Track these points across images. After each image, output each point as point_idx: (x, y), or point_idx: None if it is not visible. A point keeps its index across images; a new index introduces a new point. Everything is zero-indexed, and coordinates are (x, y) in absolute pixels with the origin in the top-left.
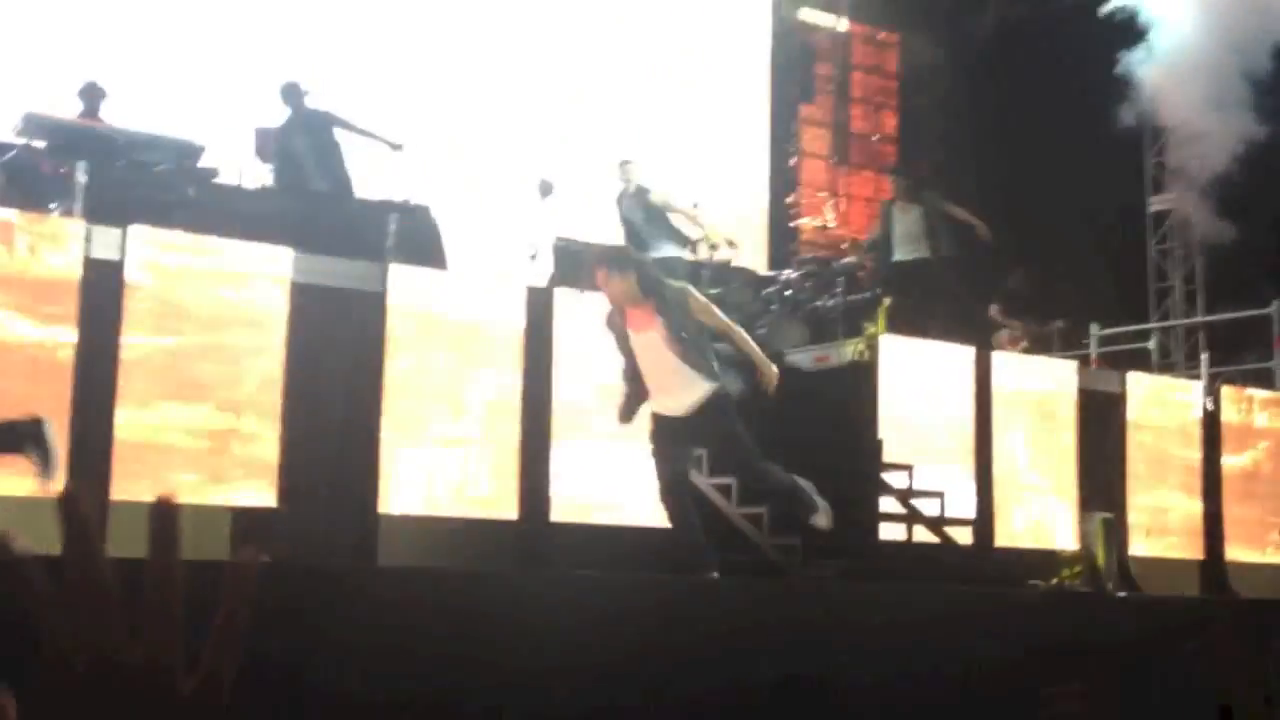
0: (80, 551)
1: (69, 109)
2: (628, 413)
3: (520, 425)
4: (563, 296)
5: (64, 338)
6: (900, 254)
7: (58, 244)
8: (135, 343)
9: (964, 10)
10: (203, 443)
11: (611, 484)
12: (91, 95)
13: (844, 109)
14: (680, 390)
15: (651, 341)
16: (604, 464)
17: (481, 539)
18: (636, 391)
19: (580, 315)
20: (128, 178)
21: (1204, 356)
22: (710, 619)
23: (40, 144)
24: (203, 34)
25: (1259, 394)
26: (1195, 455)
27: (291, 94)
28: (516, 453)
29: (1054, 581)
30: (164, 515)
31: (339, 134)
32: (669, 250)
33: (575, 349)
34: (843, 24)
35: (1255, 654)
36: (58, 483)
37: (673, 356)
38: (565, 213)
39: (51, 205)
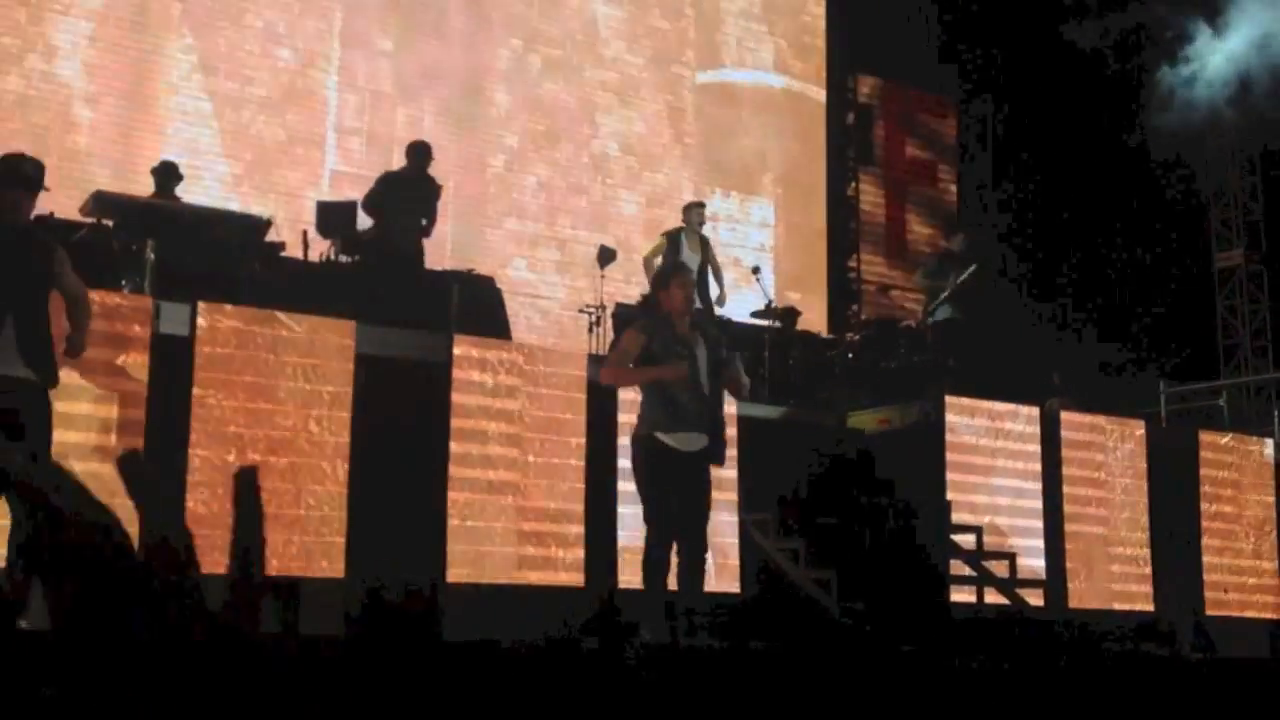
0: None
1: (143, 188)
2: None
3: (584, 491)
4: None
5: (131, 417)
6: (945, 313)
7: (128, 321)
8: (200, 417)
9: (1023, 72)
10: (271, 514)
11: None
12: (166, 174)
13: (904, 171)
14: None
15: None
16: None
17: (547, 607)
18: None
19: None
20: (195, 254)
21: (1276, 413)
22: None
23: (109, 222)
24: (261, 108)
25: None
26: (1270, 513)
27: (423, 154)
28: (582, 518)
29: (1129, 645)
30: None
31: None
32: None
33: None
34: (899, 88)
35: None
36: None
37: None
38: (624, 279)
39: (122, 283)
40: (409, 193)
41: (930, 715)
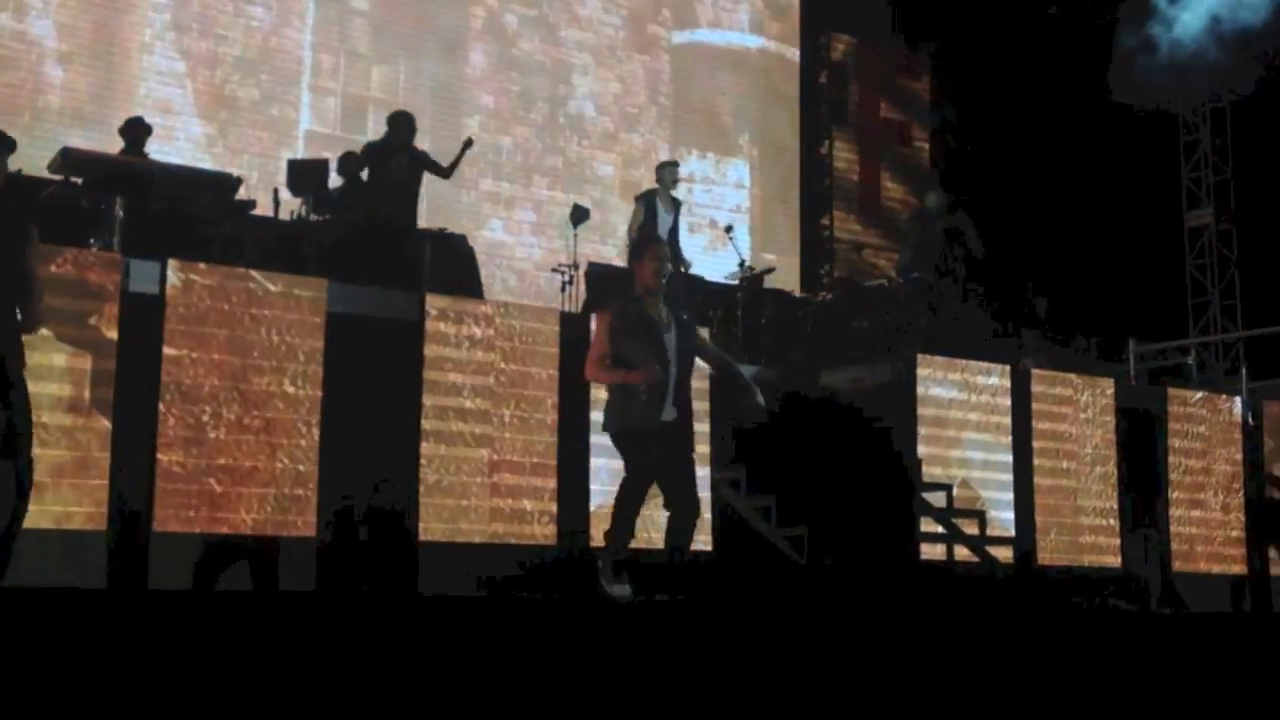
0: None
1: (116, 148)
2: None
3: (557, 446)
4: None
5: (104, 370)
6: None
7: (98, 278)
8: (173, 375)
9: (1000, 29)
10: (242, 474)
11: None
12: (135, 132)
13: (877, 130)
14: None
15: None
16: None
17: (519, 563)
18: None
19: None
20: (165, 212)
21: (1243, 371)
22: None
23: (78, 180)
24: (235, 68)
25: None
26: (1237, 470)
27: (406, 124)
28: (555, 474)
29: (1098, 600)
30: None
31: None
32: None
33: None
34: (874, 47)
35: None
36: None
37: (671, 369)
38: (599, 240)
39: (91, 241)
40: (398, 162)
41: (896, 667)
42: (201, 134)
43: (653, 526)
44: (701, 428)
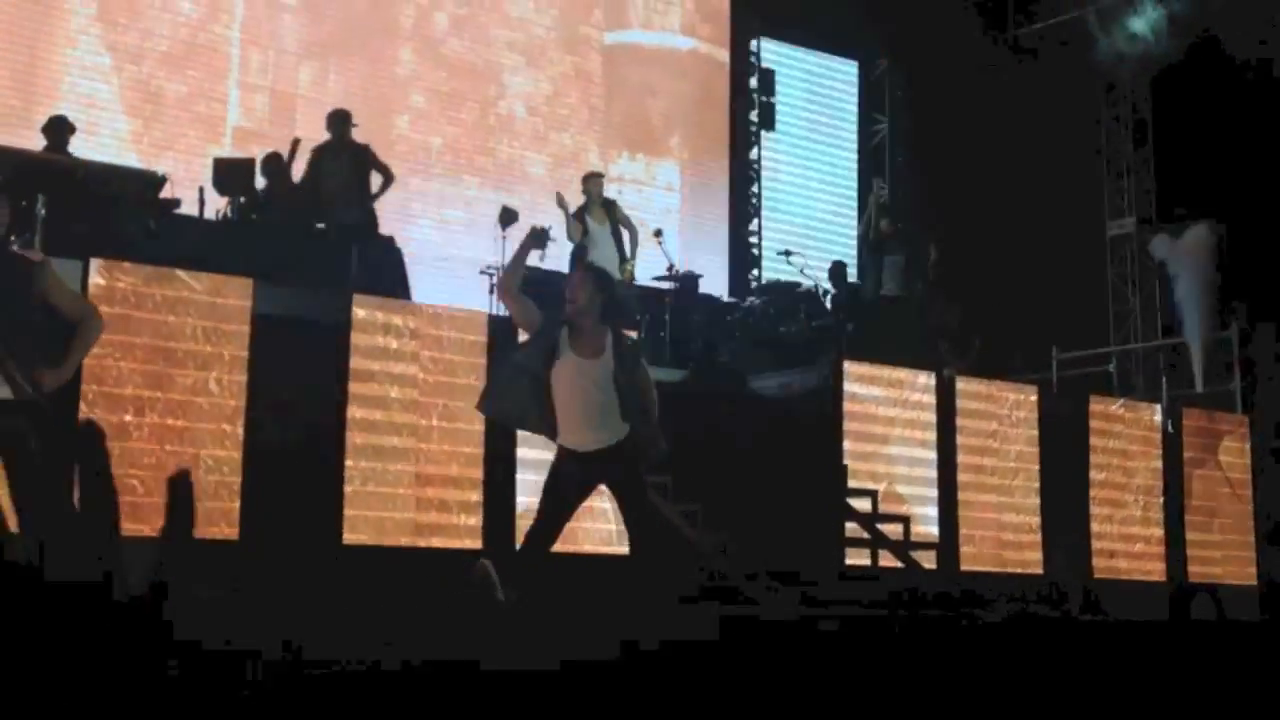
0: None
1: (35, 141)
2: (516, 417)
3: (484, 454)
4: None
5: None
6: (888, 289)
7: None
8: (95, 376)
9: (923, 40)
10: (163, 477)
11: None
12: (58, 130)
13: (806, 136)
14: (600, 427)
15: (589, 370)
16: None
17: (445, 569)
18: (540, 405)
19: None
20: (88, 211)
21: (1164, 379)
22: None
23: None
24: (162, 63)
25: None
26: (1157, 479)
27: (341, 121)
28: (480, 483)
29: (1019, 607)
30: None
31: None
32: (616, 264)
33: None
34: (802, 54)
35: None
36: None
37: (611, 392)
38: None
39: (11, 239)
40: (335, 162)
41: (821, 672)
42: (127, 129)
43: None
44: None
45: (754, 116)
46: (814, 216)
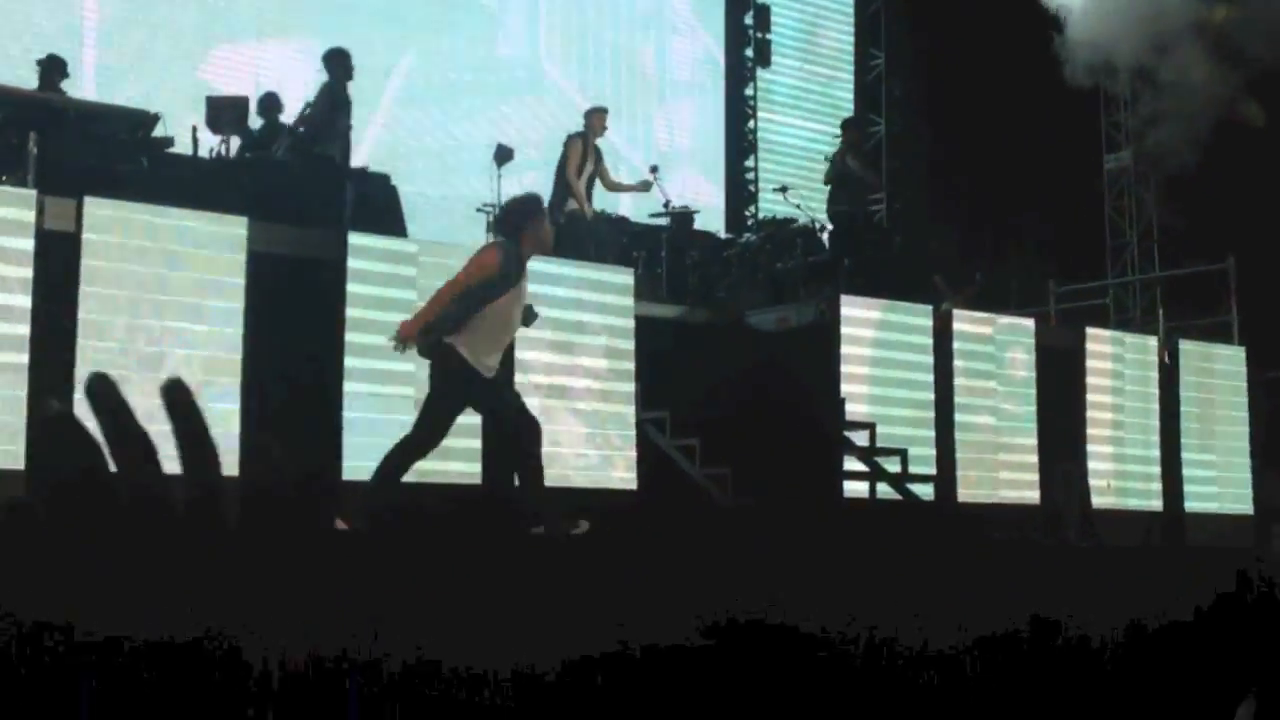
0: None
1: (26, 81)
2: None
3: None
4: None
5: (19, 309)
6: (835, 203)
7: (10, 215)
8: (91, 313)
9: None
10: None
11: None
12: (51, 68)
13: (802, 72)
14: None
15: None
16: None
17: (444, 501)
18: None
19: (543, 280)
20: (81, 148)
21: (1160, 311)
22: None
23: None
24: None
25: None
26: (1154, 408)
27: (340, 62)
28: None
29: (1016, 534)
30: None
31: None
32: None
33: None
34: None
35: None
36: None
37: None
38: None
39: (2, 177)
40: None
41: (819, 602)
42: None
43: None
44: (627, 366)
45: (749, 53)
46: (811, 152)
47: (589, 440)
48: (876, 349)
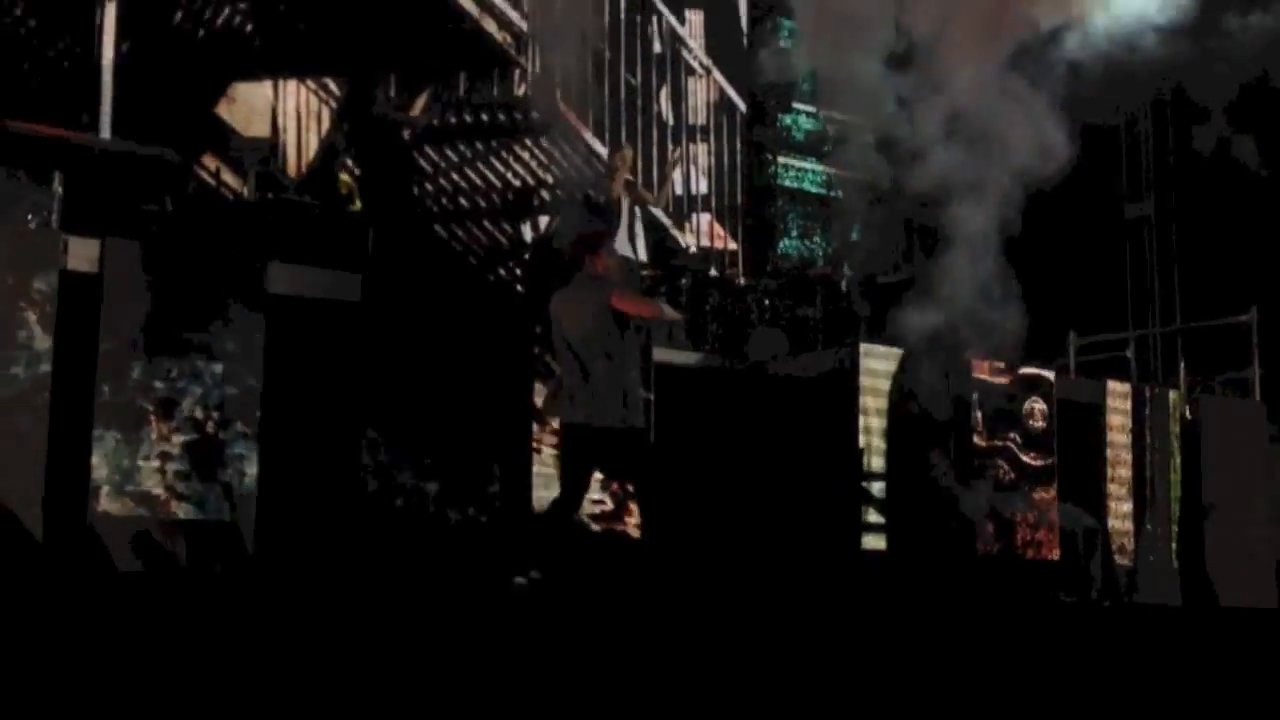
0: None
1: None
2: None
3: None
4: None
5: (41, 349)
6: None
7: (35, 256)
8: (112, 352)
9: None
10: (181, 454)
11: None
12: (72, 106)
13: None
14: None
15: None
16: None
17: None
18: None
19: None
20: (103, 189)
21: (1182, 365)
22: None
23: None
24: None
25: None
26: (1174, 463)
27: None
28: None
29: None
30: None
31: None
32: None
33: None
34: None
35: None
36: None
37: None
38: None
39: (29, 216)
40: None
41: (840, 659)
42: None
43: None
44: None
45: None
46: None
47: (603, 486)
48: (898, 398)
